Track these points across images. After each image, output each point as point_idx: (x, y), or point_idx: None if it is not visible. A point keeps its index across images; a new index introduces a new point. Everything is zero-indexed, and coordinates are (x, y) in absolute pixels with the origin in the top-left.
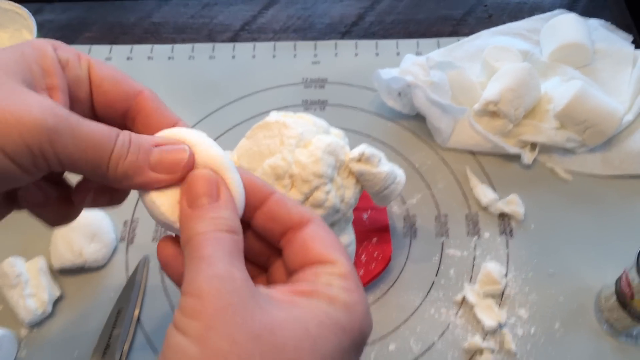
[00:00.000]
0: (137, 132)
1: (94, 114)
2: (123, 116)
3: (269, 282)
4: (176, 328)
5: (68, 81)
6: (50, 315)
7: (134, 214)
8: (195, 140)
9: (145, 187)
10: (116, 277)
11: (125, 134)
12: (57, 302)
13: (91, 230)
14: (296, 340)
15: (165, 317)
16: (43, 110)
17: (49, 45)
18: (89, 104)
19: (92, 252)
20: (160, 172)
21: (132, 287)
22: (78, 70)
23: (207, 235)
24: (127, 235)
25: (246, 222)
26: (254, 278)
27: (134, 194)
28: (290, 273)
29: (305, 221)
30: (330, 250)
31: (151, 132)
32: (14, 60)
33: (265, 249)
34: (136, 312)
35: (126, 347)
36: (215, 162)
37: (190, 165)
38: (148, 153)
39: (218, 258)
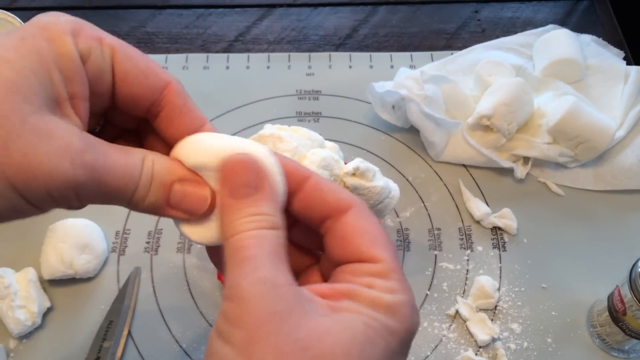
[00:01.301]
0: (158, 127)
1: (114, 105)
2: (146, 109)
3: (322, 272)
4: (219, 335)
5: (89, 76)
6: (40, 327)
7: (125, 224)
8: (223, 144)
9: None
10: (107, 288)
11: (148, 168)
12: (46, 314)
13: (82, 240)
14: (344, 347)
15: (157, 329)
16: (72, 160)
17: (68, 35)
18: (109, 96)
19: (83, 263)
20: (181, 212)
21: (123, 299)
22: (101, 61)
23: (249, 234)
24: (119, 246)
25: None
26: (306, 270)
27: (122, 207)
28: (334, 264)
29: (344, 208)
30: (370, 246)
31: (174, 131)
32: (32, 70)
33: (315, 235)
34: (127, 325)
35: (117, 359)
36: (251, 149)
37: (212, 208)
38: (168, 192)
39: (262, 261)
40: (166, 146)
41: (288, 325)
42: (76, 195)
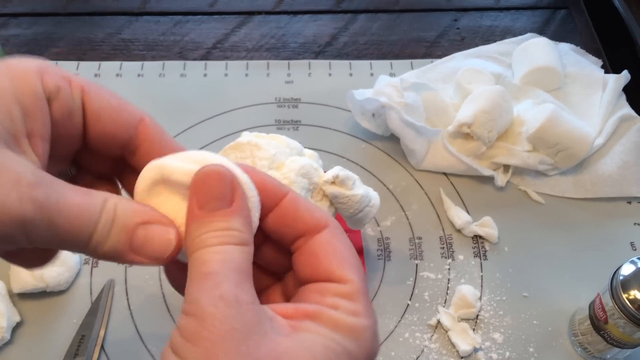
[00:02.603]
0: (137, 163)
1: (87, 146)
2: (122, 147)
3: (284, 292)
4: (174, 351)
5: (57, 115)
6: (9, 342)
7: None
8: (196, 158)
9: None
10: (79, 301)
11: (109, 209)
12: (16, 328)
13: None
14: None
15: (131, 343)
16: (21, 196)
17: (34, 74)
18: (80, 136)
19: (54, 275)
20: (144, 258)
21: (96, 312)
22: (70, 101)
23: (214, 249)
24: (92, 258)
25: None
26: (268, 289)
27: None
28: (300, 283)
29: (319, 227)
30: (339, 266)
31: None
32: None
33: (283, 255)
34: (100, 339)
35: None
36: (225, 163)
37: (176, 252)
38: (131, 236)
39: (224, 277)
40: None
41: (247, 345)
42: (25, 234)
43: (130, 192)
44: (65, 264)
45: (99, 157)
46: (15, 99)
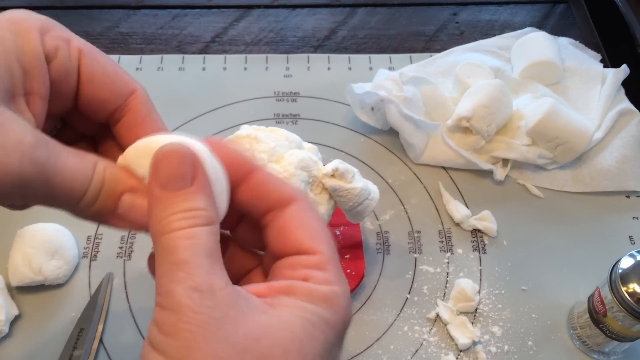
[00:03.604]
0: (118, 134)
1: (76, 108)
2: (109, 113)
3: (264, 272)
4: (152, 347)
5: (53, 76)
6: (7, 335)
7: (97, 229)
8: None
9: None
10: (78, 295)
11: (99, 174)
12: (14, 322)
13: (52, 246)
14: (283, 345)
15: (130, 337)
16: (22, 157)
17: (36, 33)
18: (72, 98)
19: (53, 269)
20: (127, 223)
21: (95, 306)
22: (67, 62)
23: (182, 233)
24: (90, 252)
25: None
26: (248, 273)
27: None
28: (273, 259)
29: (288, 201)
30: (308, 238)
31: (135, 139)
32: None
33: (260, 234)
34: (98, 332)
35: None
36: (186, 141)
37: None
38: (117, 201)
39: (196, 266)
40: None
41: (225, 330)
42: (20, 192)
43: (106, 156)
44: (63, 258)
45: (86, 119)
46: (17, 57)
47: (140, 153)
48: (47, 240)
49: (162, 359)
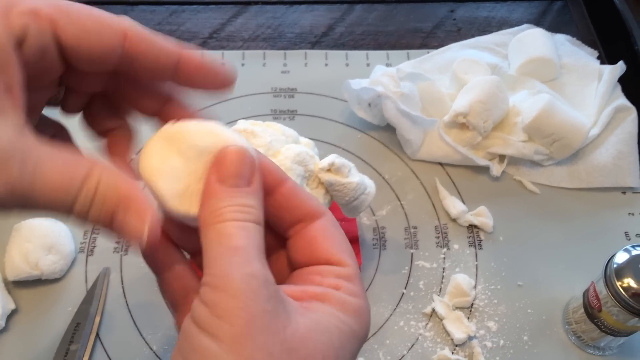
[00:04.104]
0: (137, 77)
1: (71, 68)
2: (114, 65)
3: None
4: (202, 328)
5: (28, 57)
6: (4, 329)
7: None
8: (212, 129)
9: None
10: (74, 289)
11: (91, 184)
12: (11, 316)
13: (48, 240)
14: (322, 350)
15: (127, 331)
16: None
17: (0, 19)
18: (58, 65)
19: (49, 263)
20: (124, 237)
21: (91, 301)
22: (39, 38)
23: (238, 224)
24: (87, 246)
25: None
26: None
27: None
28: (294, 267)
29: (316, 215)
30: (338, 250)
31: (152, 75)
32: None
33: (270, 238)
34: (95, 327)
35: None
36: (243, 143)
37: (153, 238)
38: (111, 215)
39: (253, 254)
40: (147, 94)
41: (275, 325)
42: (11, 196)
43: (133, 105)
44: (60, 252)
45: (89, 76)
46: None
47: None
48: (44, 235)
49: (213, 342)
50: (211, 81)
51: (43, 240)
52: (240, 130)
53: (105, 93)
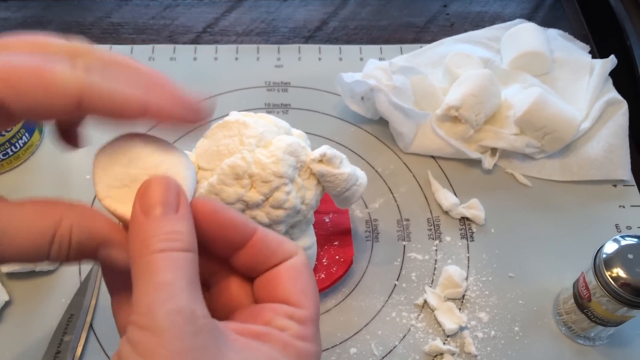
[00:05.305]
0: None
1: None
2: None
3: (212, 300)
4: None
5: None
6: None
7: None
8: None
9: None
10: (68, 281)
11: (62, 235)
12: (4, 308)
13: None
14: None
15: None
16: None
17: None
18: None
19: None
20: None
21: (85, 292)
22: None
23: (165, 255)
24: None
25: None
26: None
27: (84, 198)
28: (256, 301)
29: (288, 256)
30: (299, 291)
31: (116, 116)
32: None
33: (212, 264)
34: (88, 318)
35: (77, 354)
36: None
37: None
38: (94, 254)
39: (180, 288)
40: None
41: None
42: None
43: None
44: None
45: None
46: None
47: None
48: None
49: None
50: (183, 118)
51: None
52: (232, 122)
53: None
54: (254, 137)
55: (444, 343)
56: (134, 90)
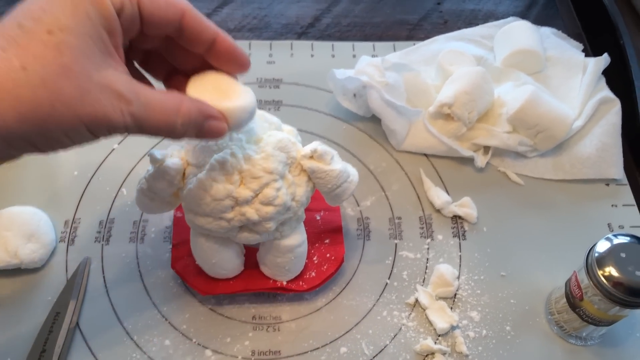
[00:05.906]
0: (184, 42)
1: (142, 34)
2: (171, 32)
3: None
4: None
5: (124, 26)
6: None
7: (75, 213)
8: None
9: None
10: (54, 279)
11: (185, 112)
12: None
13: (28, 229)
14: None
15: (107, 320)
16: (122, 111)
17: None
18: (137, 31)
19: (29, 252)
20: (205, 137)
21: (71, 290)
22: (131, 11)
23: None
24: (68, 236)
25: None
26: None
27: (72, 195)
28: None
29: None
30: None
31: (195, 44)
32: (89, 34)
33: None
34: (74, 316)
35: (63, 352)
36: None
37: (224, 132)
38: (200, 128)
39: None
40: (188, 55)
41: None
42: (126, 130)
43: (176, 63)
44: (40, 241)
45: (150, 38)
46: (102, 25)
47: (200, 89)
48: (24, 223)
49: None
50: (233, 62)
51: (23, 228)
52: None
53: (156, 51)
54: (244, 132)
55: (435, 342)
56: (212, 26)
